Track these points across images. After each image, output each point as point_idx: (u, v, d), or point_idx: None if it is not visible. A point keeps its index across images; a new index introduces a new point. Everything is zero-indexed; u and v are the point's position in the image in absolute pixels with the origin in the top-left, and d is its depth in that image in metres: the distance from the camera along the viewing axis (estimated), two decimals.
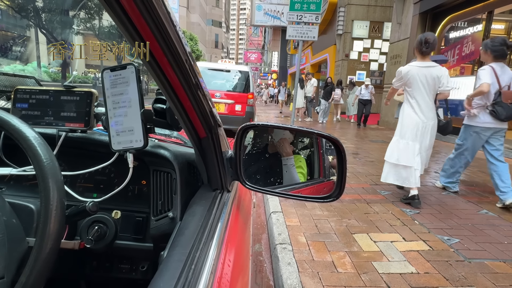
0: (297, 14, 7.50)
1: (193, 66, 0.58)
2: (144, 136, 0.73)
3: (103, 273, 0.91)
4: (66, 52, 0.54)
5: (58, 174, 0.48)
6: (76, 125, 0.84)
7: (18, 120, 0.51)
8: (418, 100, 3.00)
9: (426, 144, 3.07)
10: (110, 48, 0.55)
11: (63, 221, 0.47)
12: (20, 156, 0.67)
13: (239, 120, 6.37)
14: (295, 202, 2.98)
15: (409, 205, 3.07)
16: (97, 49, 0.55)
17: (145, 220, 0.88)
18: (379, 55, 13.98)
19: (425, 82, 2.94)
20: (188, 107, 0.64)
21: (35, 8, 16.88)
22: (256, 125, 0.88)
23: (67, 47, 0.54)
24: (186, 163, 0.86)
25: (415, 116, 3.02)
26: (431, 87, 2.97)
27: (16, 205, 0.60)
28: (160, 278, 0.47)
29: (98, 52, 0.55)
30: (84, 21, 19.74)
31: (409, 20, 9.12)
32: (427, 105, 3.01)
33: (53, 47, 0.53)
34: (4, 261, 0.44)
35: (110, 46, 0.56)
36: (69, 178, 0.88)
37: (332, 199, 0.79)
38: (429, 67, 2.95)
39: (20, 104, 0.84)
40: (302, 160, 1.14)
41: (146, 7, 0.43)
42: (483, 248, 2.28)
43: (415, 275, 1.92)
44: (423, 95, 2.99)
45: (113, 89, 0.73)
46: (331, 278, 1.87)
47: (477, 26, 7.43)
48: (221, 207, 0.75)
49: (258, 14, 29.78)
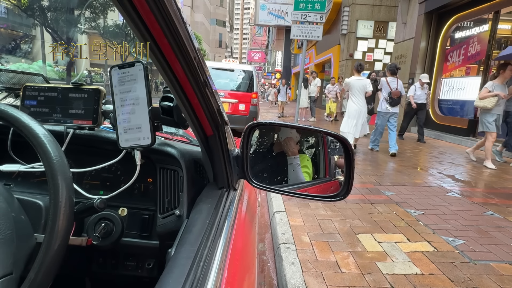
0: (302, 14, 7.48)
1: (201, 64, 0.57)
2: (151, 133, 0.73)
3: (109, 270, 0.92)
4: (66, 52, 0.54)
5: (67, 171, 0.48)
6: (84, 122, 0.84)
7: (28, 117, 0.51)
8: (355, 97, 5.50)
9: (361, 121, 5.53)
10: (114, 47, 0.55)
11: (71, 217, 0.47)
12: (28, 153, 0.67)
13: (242, 119, 6.37)
14: (298, 201, 2.98)
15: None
16: (104, 48, 0.56)
17: (151, 218, 0.88)
18: (383, 55, 13.92)
19: (358, 87, 5.45)
20: (196, 105, 0.64)
21: (41, 7, 16.98)
22: (263, 124, 0.88)
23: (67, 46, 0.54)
24: (192, 161, 0.86)
25: (355, 106, 5.49)
26: (361, 90, 5.47)
27: (24, 201, 0.60)
28: (169, 275, 0.47)
29: (104, 51, 0.55)
30: (89, 20, 19.83)
31: (414, 20, 9.07)
32: (360, 100, 5.49)
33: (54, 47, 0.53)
34: (13, 257, 0.44)
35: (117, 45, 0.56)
36: (77, 175, 0.88)
37: (339, 198, 0.79)
38: (360, 79, 5.51)
39: (29, 101, 0.85)
40: (308, 159, 1.14)
41: (157, 4, 0.42)
42: (489, 250, 2.27)
43: (419, 276, 1.91)
44: (358, 94, 5.48)
45: (121, 87, 0.73)
46: (335, 278, 1.86)
47: (483, 26, 7.37)
48: (228, 205, 0.75)
49: (262, 14, 29.73)
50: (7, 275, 0.42)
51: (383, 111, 5.62)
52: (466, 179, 4.29)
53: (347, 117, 5.55)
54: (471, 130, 7.31)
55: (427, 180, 4.11)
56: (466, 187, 3.84)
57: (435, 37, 8.64)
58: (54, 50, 0.53)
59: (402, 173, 4.40)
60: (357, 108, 5.42)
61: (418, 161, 5.32)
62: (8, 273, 0.42)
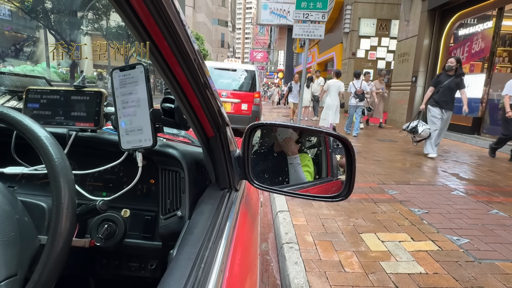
0: (304, 13, 7.46)
1: (201, 65, 0.58)
2: (153, 135, 0.74)
3: (113, 271, 0.92)
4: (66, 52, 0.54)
5: (69, 173, 0.49)
6: (86, 124, 0.85)
7: (30, 120, 0.52)
8: (332, 95, 7.45)
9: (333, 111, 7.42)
10: (118, 48, 0.55)
11: (74, 219, 0.48)
12: (32, 155, 0.68)
13: (245, 119, 6.37)
14: (302, 201, 2.97)
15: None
16: (104, 49, 0.56)
17: (153, 219, 0.88)
18: (386, 53, 13.84)
19: (335, 88, 7.44)
20: (197, 106, 0.64)
21: (44, 9, 17.10)
22: (264, 124, 0.88)
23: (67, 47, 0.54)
24: (194, 162, 0.86)
25: (331, 101, 7.47)
26: (336, 90, 7.43)
27: (28, 203, 0.61)
28: (170, 277, 0.48)
29: (105, 52, 0.56)
30: (92, 21, 19.94)
31: (417, 18, 9.01)
32: (335, 97, 7.43)
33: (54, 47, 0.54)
34: (17, 258, 0.45)
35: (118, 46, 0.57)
36: (79, 177, 0.89)
37: (340, 198, 0.79)
38: (336, 82, 7.53)
39: (31, 104, 0.86)
40: (309, 159, 1.14)
41: (155, 6, 0.43)
42: (494, 249, 2.25)
43: (423, 276, 1.90)
44: (334, 93, 7.44)
45: (122, 89, 0.74)
46: (338, 277, 1.86)
47: (487, 23, 7.31)
48: (229, 206, 0.76)
49: (264, 13, 29.74)
50: (12, 277, 0.43)
51: (352, 104, 7.65)
52: (470, 177, 4.26)
53: (326, 109, 7.70)
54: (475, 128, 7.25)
55: (431, 179, 4.09)
56: (470, 186, 3.81)
57: (439, 35, 8.58)
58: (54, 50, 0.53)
59: (406, 171, 4.38)
60: (332, 102, 7.50)
61: (422, 160, 5.29)
62: (12, 275, 0.43)
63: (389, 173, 4.26)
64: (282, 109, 17.28)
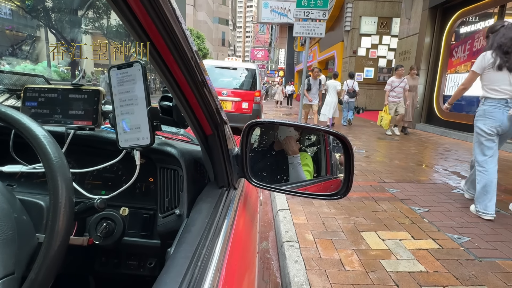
0: (304, 11, 7.45)
1: (199, 64, 0.58)
2: (151, 133, 0.74)
3: (112, 269, 0.92)
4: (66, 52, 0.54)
5: (66, 171, 0.49)
6: (84, 123, 0.85)
7: (28, 118, 0.51)
8: (330, 93, 8.50)
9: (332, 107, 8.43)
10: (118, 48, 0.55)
11: (72, 218, 0.47)
12: (30, 154, 0.68)
13: (246, 117, 6.37)
14: (302, 200, 2.97)
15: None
16: (104, 48, 0.56)
17: (152, 217, 0.88)
18: (387, 51, 13.81)
19: (333, 87, 8.55)
20: (194, 104, 0.64)
21: (45, 8, 17.14)
22: (263, 122, 0.88)
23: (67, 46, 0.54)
24: (192, 161, 0.86)
25: (330, 98, 8.46)
26: (334, 89, 8.51)
27: (26, 202, 0.61)
28: (166, 275, 0.48)
29: (105, 51, 0.55)
30: (92, 20, 19.97)
31: (418, 15, 8.98)
32: (333, 95, 8.47)
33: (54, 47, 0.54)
34: (15, 257, 0.45)
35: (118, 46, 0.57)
36: (78, 175, 0.89)
37: (339, 196, 0.79)
38: (334, 82, 8.74)
39: (29, 102, 0.86)
40: (309, 157, 1.13)
41: (152, 4, 0.43)
42: (494, 247, 2.24)
43: (424, 274, 1.90)
44: (332, 91, 8.50)
45: (120, 87, 0.73)
46: (339, 276, 1.86)
47: (489, 20, 7.26)
48: (228, 205, 0.75)
49: (265, 11, 29.68)
50: (9, 275, 0.43)
51: (344, 100, 9.08)
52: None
53: (325, 105, 8.52)
54: None
55: (432, 177, 4.08)
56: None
57: (440, 33, 8.53)
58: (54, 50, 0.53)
59: (407, 170, 4.38)
60: (331, 99, 8.48)
61: (423, 158, 5.28)
62: (10, 273, 0.43)
63: (390, 171, 4.26)
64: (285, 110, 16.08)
